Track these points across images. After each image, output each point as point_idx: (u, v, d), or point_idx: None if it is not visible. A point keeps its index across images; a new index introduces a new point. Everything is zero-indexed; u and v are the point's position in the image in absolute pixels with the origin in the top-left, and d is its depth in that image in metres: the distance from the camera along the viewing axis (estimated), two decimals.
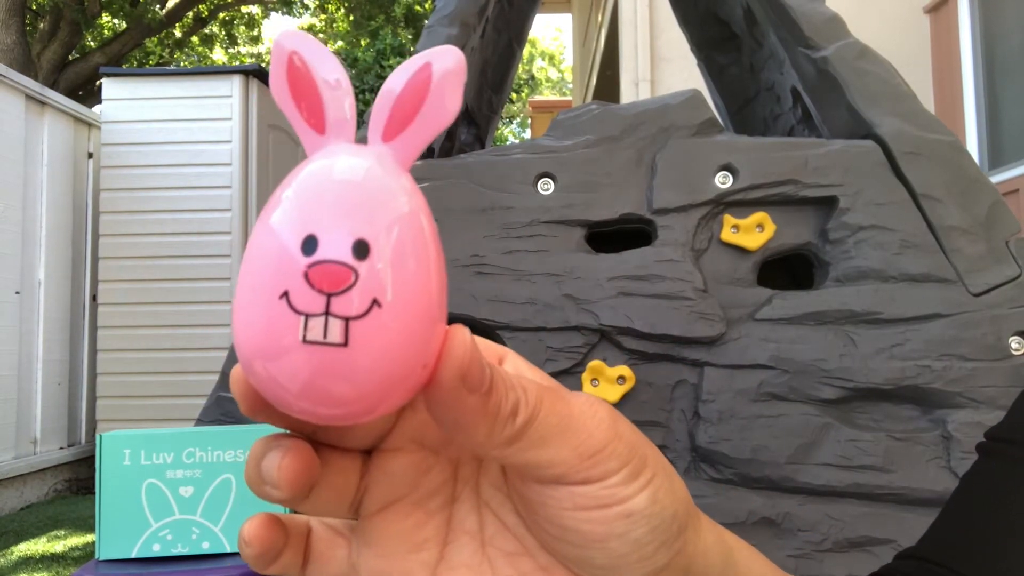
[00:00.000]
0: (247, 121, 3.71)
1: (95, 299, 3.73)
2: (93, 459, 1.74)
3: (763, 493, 0.86)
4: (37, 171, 3.49)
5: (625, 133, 0.94)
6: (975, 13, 3.87)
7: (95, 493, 0.79)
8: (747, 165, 0.91)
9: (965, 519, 0.38)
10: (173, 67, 9.37)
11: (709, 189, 0.91)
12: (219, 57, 11.57)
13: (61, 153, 3.64)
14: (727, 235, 0.92)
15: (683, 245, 0.90)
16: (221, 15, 10.09)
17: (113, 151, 3.66)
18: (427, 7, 9.67)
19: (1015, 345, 0.85)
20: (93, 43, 8.76)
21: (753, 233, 0.91)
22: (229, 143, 3.67)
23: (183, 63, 10.57)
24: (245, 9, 10.33)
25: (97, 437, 0.79)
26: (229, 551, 0.79)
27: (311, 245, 0.19)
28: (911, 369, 0.85)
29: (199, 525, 0.79)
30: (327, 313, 0.18)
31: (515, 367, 0.25)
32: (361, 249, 0.19)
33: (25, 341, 3.37)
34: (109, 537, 0.78)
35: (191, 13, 8.97)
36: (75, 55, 7.79)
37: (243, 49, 11.94)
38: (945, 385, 0.85)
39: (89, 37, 8.56)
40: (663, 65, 4.54)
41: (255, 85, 3.75)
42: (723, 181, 0.92)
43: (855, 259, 0.89)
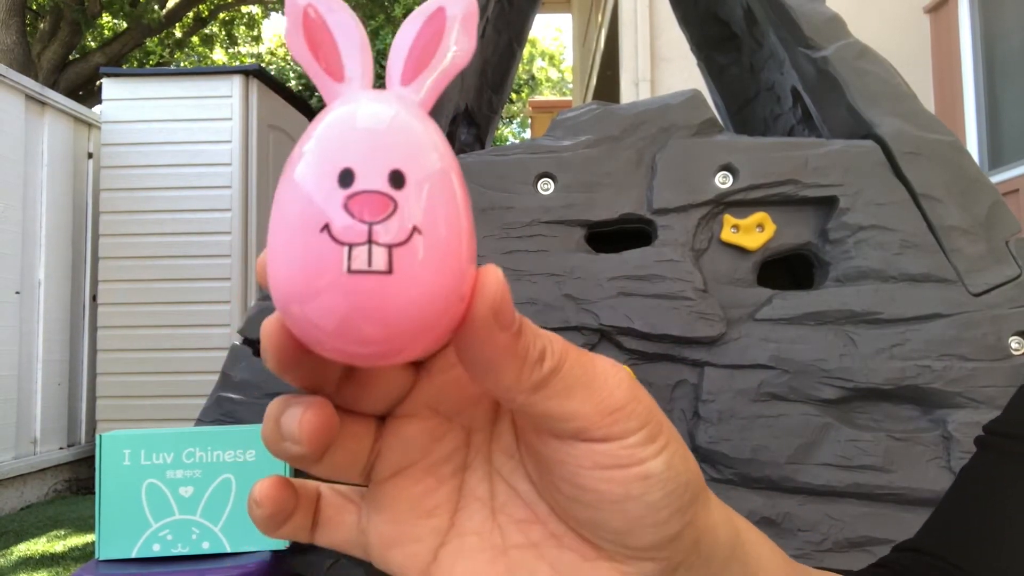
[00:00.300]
0: (247, 121, 3.71)
1: (95, 299, 3.73)
2: (93, 459, 1.74)
3: (763, 493, 0.86)
4: (37, 171, 3.49)
5: (625, 133, 0.94)
6: (975, 13, 3.87)
7: (95, 493, 0.79)
8: (747, 165, 0.91)
9: (962, 512, 0.38)
10: (173, 67, 9.38)
11: (709, 189, 0.91)
12: (219, 57, 11.57)
13: (61, 153, 3.64)
14: (727, 235, 0.91)
15: (683, 245, 0.90)
16: (221, 15, 10.09)
17: (113, 151, 3.66)
18: None
19: (1015, 345, 0.85)
20: (93, 43, 8.75)
21: (753, 233, 0.91)
22: (229, 143, 3.67)
23: (183, 63, 10.56)
24: (245, 9, 10.32)
25: (97, 437, 0.79)
26: (229, 551, 0.79)
27: (348, 178, 0.19)
28: (911, 369, 0.85)
29: (199, 525, 0.79)
30: (370, 241, 0.19)
31: None
32: (397, 179, 0.19)
33: (25, 341, 3.37)
34: (109, 537, 0.78)
35: (191, 13, 8.97)
36: (75, 55, 7.79)
37: (243, 49, 11.94)
38: (945, 385, 0.85)
39: (89, 37, 8.55)
40: (663, 65, 4.54)
41: (255, 85, 3.75)
42: (723, 181, 0.92)
43: (855, 259, 0.88)
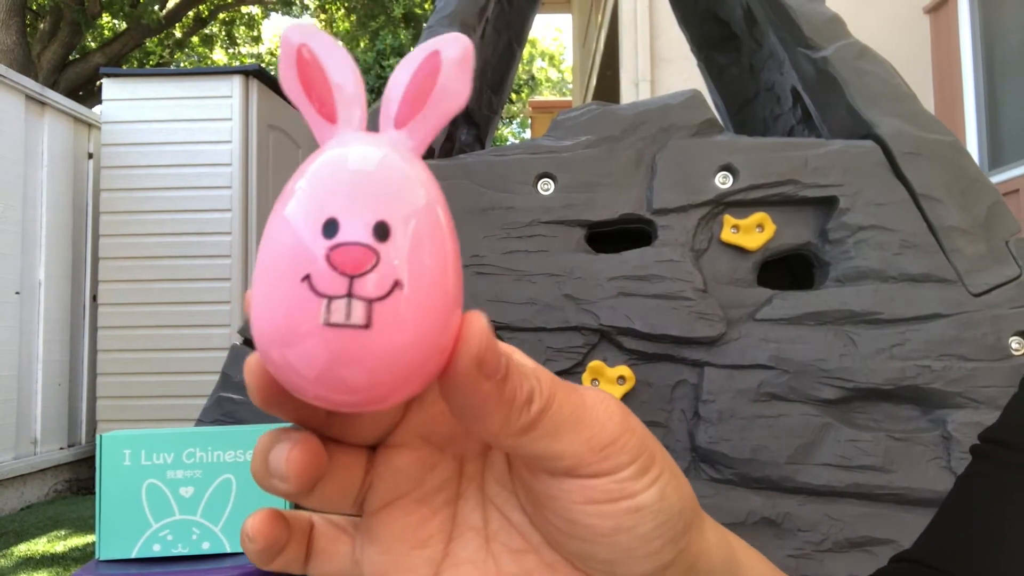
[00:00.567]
0: (247, 121, 3.71)
1: (95, 299, 3.73)
2: (93, 459, 1.74)
3: (763, 493, 0.86)
4: (37, 171, 3.49)
5: (625, 133, 0.94)
6: (975, 13, 3.87)
7: (95, 493, 0.78)
8: (747, 165, 0.91)
9: (961, 523, 0.38)
10: (173, 67, 9.37)
11: (709, 189, 0.91)
12: (219, 57, 11.57)
13: (61, 153, 3.64)
14: (727, 235, 0.91)
15: (683, 245, 0.90)
16: (221, 15, 10.09)
17: (113, 151, 3.66)
18: (427, 7, 9.68)
19: (1015, 345, 0.85)
20: (93, 43, 8.75)
21: (753, 233, 0.91)
22: (229, 143, 3.67)
23: (183, 63, 10.56)
24: (245, 9, 10.33)
25: (97, 437, 0.79)
26: (229, 551, 0.79)
27: (332, 228, 0.19)
28: (911, 369, 0.85)
29: (199, 525, 0.79)
30: (350, 295, 0.18)
31: None
32: (382, 231, 0.19)
33: (25, 341, 3.37)
34: (109, 537, 0.78)
35: (191, 13, 8.97)
36: (75, 55, 7.78)
37: (243, 49, 11.94)
38: (945, 385, 0.85)
39: (89, 37, 8.55)
40: (663, 65, 4.54)
41: (255, 85, 3.75)
42: (723, 181, 0.92)
43: (855, 259, 0.88)
